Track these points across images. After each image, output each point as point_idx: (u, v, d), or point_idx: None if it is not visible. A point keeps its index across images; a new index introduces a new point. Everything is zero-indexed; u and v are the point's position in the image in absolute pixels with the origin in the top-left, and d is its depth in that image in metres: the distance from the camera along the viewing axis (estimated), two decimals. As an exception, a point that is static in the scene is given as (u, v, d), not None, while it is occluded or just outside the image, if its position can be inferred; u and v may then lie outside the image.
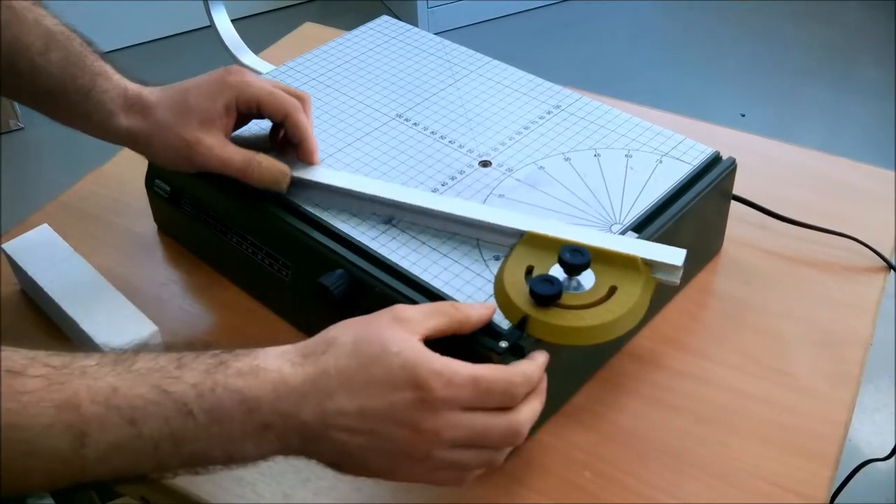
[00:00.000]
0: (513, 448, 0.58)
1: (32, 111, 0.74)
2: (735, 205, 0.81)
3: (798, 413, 0.68)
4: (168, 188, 0.81)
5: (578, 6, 2.85)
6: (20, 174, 2.13)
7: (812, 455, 0.65)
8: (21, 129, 2.31)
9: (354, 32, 0.96)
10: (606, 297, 0.61)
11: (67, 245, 0.79)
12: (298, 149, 0.74)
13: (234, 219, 0.76)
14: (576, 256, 0.61)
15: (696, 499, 0.63)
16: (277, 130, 0.77)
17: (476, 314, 0.60)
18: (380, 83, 0.87)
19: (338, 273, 0.67)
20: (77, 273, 0.77)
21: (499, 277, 0.64)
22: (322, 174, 0.74)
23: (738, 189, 0.80)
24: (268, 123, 0.77)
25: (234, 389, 0.50)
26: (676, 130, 0.79)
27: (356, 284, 0.67)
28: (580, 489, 0.64)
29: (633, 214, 0.70)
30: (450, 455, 0.54)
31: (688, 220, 0.72)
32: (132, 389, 0.49)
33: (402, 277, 0.66)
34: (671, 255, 0.65)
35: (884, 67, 2.52)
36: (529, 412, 0.56)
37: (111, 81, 0.72)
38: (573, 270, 0.61)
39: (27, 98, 0.73)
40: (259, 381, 0.51)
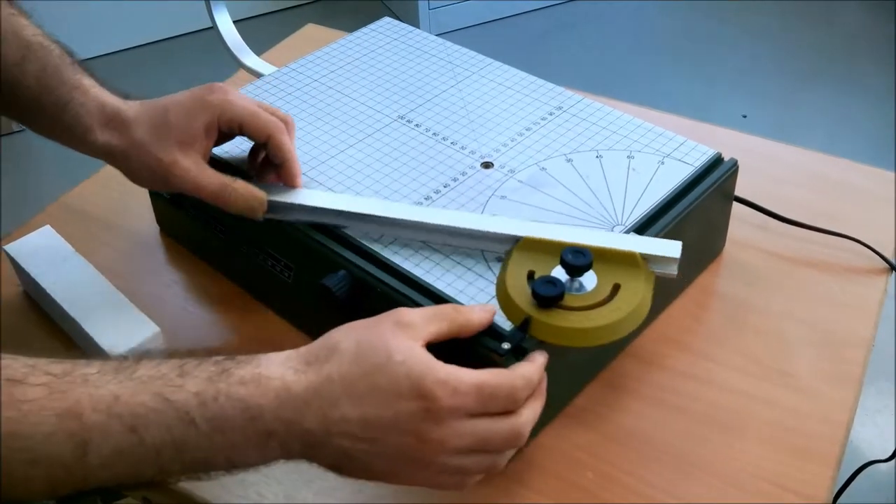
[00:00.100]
0: (515, 451, 0.58)
1: None
2: (737, 206, 0.81)
3: (800, 414, 0.68)
4: (170, 189, 0.81)
5: (580, 7, 2.85)
6: (23, 176, 2.14)
7: (814, 456, 0.65)
8: (23, 131, 2.31)
9: (356, 34, 0.96)
10: (610, 297, 0.61)
11: (69, 246, 0.79)
12: (280, 171, 0.72)
13: (236, 220, 0.76)
14: (578, 258, 0.61)
15: (698, 499, 0.63)
16: (258, 151, 0.76)
17: (477, 318, 0.60)
18: (381, 85, 0.87)
19: (340, 274, 0.67)
20: (79, 274, 0.77)
21: (500, 280, 0.64)
22: (304, 196, 0.71)
23: (740, 190, 0.80)
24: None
25: (237, 398, 0.50)
26: (678, 132, 0.79)
27: (358, 286, 0.67)
28: (582, 490, 0.64)
29: (635, 216, 0.70)
30: (453, 461, 0.54)
31: (690, 222, 0.72)
32: (134, 397, 0.49)
33: (405, 279, 0.67)
34: (668, 248, 0.65)
35: (885, 69, 2.52)
36: (531, 414, 0.56)
37: (88, 95, 0.70)
38: (576, 271, 0.61)
39: (4, 109, 0.71)
40: (262, 390, 0.51)
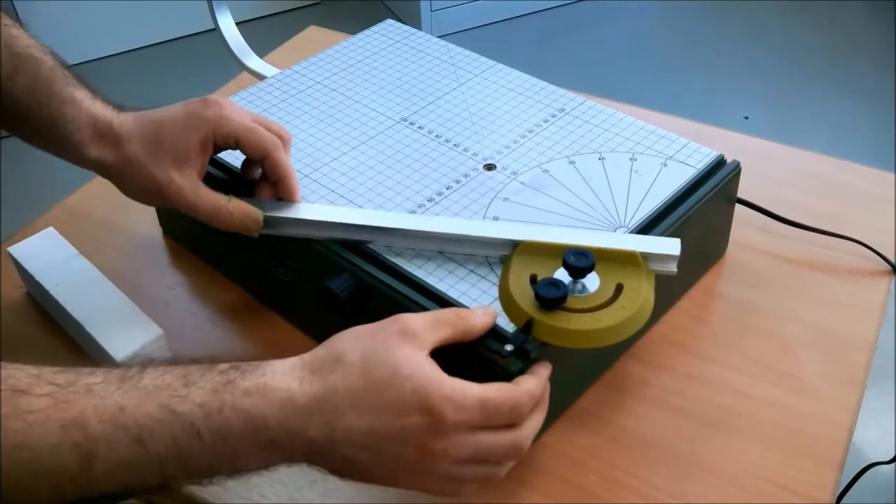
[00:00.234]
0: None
1: None
2: (739, 208, 0.81)
3: (803, 416, 0.68)
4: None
5: (582, 9, 2.85)
6: (26, 178, 2.14)
7: (817, 458, 0.65)
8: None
9: (359, 36, 0.96)
10: (613, 298, 0.61)
11: (73, 248, 0.79)
12: (278, 187, 0.71)
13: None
14: (580, 259, 0.61)
15: (702, 501, 0.63)
16: (251, 164, 0.75)
17: (480, 322, 0.60)
18: (384, 87, 0.88)
19: (343, 277, 0.67)
20: (82, 276, 0.77)
21: (503, 283, 0.64)
22: (299, 210, 0.71)
23: (743, 192, 0.80)
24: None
25: (242, 409, 0.50)
26: (680, 134, 0.79)
27: (361, 288, 0.67)
28: (586, 492, 0.64)
29: (638, 218, 0.71)
30: (453, 470, 0.54)
31: (692, 224, 0.72)
32: (139, 408, 0.49)
33: (408, 281, 0.67)
34: (667, 246, 0.66)
35: (886, 70, 2.52)
36: (532, 427, 0.57)
37: (80, 109, 0.69)
38: (578, 273, 0.61)
39: None
40: (266, 400, 0.51)
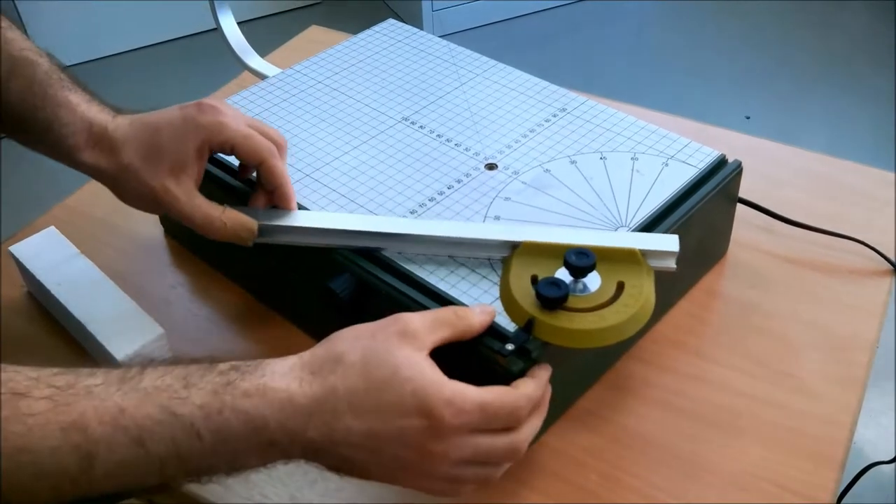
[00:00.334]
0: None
1: None
2: (740, 208, 0.81)
3: (804, 416, 0.68)
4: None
5: (584, 9, 2.85)
6: (26, 178, 2.14)
7: (818, 458, 0.65)
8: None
9: (360, 36, 0.96)
10: (615, 297, 0.61)
11: (74, 247, 0.80)
12: (274, 195, 0.71)
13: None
14: (582, 259, 0.61)
15: (703, 501, 0.63)
16: (247, 167, 0.74)
17: (478, 321, 0.60)
18: (386, 86, 0.88)
19: (344, 277, 0.67)
20: (84, 276, 0.77)
21: (504, 283, 0.64)
22: (294, 218, 0.70)
23: (744, 192, 0.80)
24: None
25: (242, 411, 0.50)
26: (682, 133, 0.79)
27: (362, 288, 0.67)
28: (586, 492, 0.64)
29: (639, 217, 0.70)
30: (452, 471, 0.54)
31: (694, 223, 0.72)
32: (139, 410, 0.49)
33: (409, 281, 0.67)
34: (666, 242, 0.66)
35: (886, 70, 2.52)
36: (530, 430, 0.57)
37: (75, 114, 0.68)
38: (580, 272, 0.61)
39: None
40: (266, 401, 0.51)
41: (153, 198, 0.68)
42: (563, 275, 0.62)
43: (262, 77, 1.03)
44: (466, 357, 0.59)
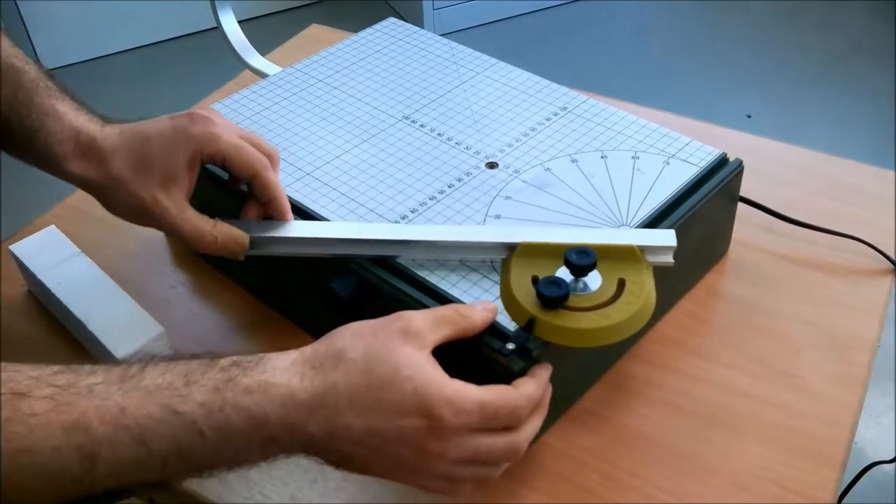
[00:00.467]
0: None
1: None
2: (742, 206, 0.81)
3: (805, 415, 0.68)
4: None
5: (585, 8, 2.85)
6: (27, 176, 2.14)
7: (819, 457, 0.65)
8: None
9: (361, 34, 0.96)
10: (615, 296, 0.61)
11: (74, 246, 0.80)
12: (268, 207, 0.70)
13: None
14: (582, 257, 0.61)
15: (704, 500, 0.63)
16: (237, 179, 0.73)
17: (480, 318, 0.60)
18: (386, 85, 0.87)
19: (345, 276, 0.67)
20: (84, 274, 0.77)
21: (504, 282, 0.64)
22: (286, 229, 0.70)
23: (745, 191, 0.79)
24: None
25: (243, 407, 0.51)
26: (683, 132, 0.79)
27: (364, 288, 0.67)
28: (587, 491, 0.64)
29: (640, 216, 0.70)
30: (451, 470, 0.54)
31: (695, 222, 0.72)
32: (141, 409, 0.49)
33: (411, 280, 0.67)
34: (663, 238, 0.66)
35: (887, 70, 2.52)
36: (530, 430, 0.57)
37: (61, 123, 0.67)
38: (581, 271, 0.61)
39: None
40: (267, 397, 0.51)
41: (143, 209, 0.66)
42: (564, 274, 0.62)
43: (263, 76, 1.03)
44: (467, 356, 0.59)
